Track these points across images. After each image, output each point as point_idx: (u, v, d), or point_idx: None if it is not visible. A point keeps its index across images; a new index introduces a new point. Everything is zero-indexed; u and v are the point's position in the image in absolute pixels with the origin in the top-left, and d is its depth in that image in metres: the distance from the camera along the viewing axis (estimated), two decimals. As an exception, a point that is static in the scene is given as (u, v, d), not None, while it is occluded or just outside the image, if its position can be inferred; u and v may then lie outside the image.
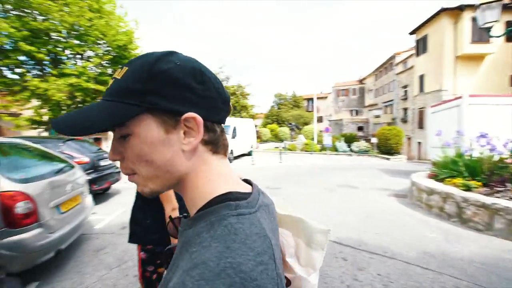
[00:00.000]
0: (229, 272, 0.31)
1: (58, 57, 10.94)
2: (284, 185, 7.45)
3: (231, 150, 12.96)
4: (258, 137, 21.00)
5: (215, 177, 0.44)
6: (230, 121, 14.24)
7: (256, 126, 19.13)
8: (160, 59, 0.41)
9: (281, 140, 23.20)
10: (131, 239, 1.75)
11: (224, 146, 0.48)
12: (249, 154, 14.40)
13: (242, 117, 20.58)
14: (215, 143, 0.45)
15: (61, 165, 3.20)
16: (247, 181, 0.53)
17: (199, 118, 0.41)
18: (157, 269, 1.72)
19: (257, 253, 0.35)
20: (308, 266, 0.62)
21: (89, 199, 3.73)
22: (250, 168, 11.29)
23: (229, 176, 0.47)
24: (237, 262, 0.33)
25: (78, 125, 0.39)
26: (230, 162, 13.07)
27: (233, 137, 13.49)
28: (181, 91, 0.40)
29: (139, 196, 1.76)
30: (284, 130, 26.48)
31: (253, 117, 22.81)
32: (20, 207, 2.32)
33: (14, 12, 9.57)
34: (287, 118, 31.92)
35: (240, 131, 14.26)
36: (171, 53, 0.43)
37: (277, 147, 19.45)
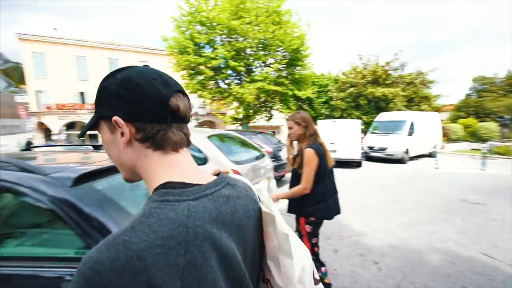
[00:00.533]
0: (118, 248, 0.36)
1: (250, 67, 13.85)
2: (492, 201, 5.39)
3: (406, 149, 11.04)
4: (445, 134, 16.56)
5: (159, 169, 0.49)
6: (406, 116, 12.15)
7: (441, 121, 15.18)
8: (108, 76, 0.51)
9: (483, 140, 17.03)
10: (289, 211, 2.15)
11: (170, 142, 0.49)
12: (432, 155, 11.69)
13: (422, 110, 16.99)
14: (153, 141, 0.48)
15: (258, 153, 4.00)
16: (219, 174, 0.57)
17: (120, 120, 0.47)
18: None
19: (160, 236, 0.38)
20: (285, 275, 0.56)
21: (273, 183, 4.44)
22: (431, 172, 9.13)
23: (177, 168, 0.50)
24: (131, 241, 0.36)
25: (82, 131, 0.58)
26: (404, 163, 11.22)
27: (410, 134, 11.40)
28: (113, 100, 0.48)
29: (294, 176, 2.10)
30: (489, 126, 19.20)
31: (438, 109, 18.25)
32: (235, 182, 3.11)
33: (227, 39, 13.07)
34: (495, 110, 22.95)
35: (419, 127, 11.84)
36: (121, 69, 0.51)
37: (477, 149, 14.51)
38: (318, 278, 0.62)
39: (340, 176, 8.21)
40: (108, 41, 24.95)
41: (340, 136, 9.50)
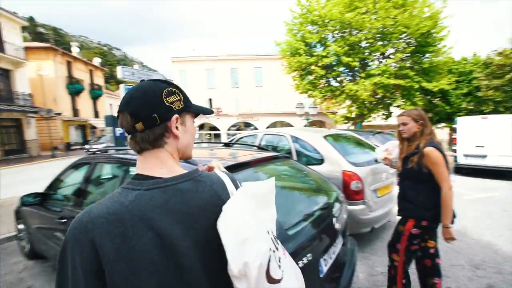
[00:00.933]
0: (85, 214, 0.59)
1: (366, 61, 12.67)
2: None
3: None
4: None
5: (138, 165, 0.69)
6: None
7: None
8: None
9: None
10: (401, 213, 2.01)
11: (136, 149, 0.69)
12: None
13: None
14: (132, 148, 0.70)
15: (378, 155, 3.61)
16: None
17: None
18: (422, 244, 1.91)
19: (107, 212, 0.58)
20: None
21: (396, 189, 3.89)
22: None
23: (144, 165, 0.68)
24: (91, 211, 0.59)
25: None
26: None
27: None
28: None
29: (407, 177, 1.97)
30: None
31: None
32: (353, 185, 2.92)
33: (339, 35, 12.47)
34: None
35: None
36: None
37: None
38: (277, 278, 0.62)
39: (494, 189, 6.24)
40: (230, 53, 28.90)
41: (495, 137, 7.19)
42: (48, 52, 23.26)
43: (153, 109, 0.65)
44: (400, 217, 2.04)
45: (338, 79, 13.55)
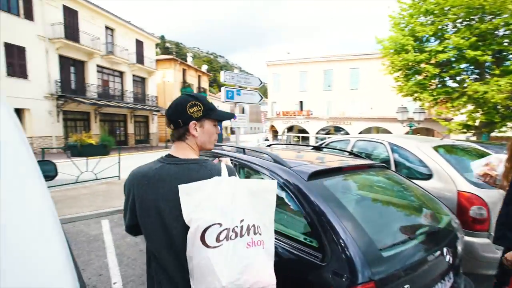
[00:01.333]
0: (133, 170, 1.02)
1: (503, 53, 9.87)
2: None
3: None
4: None
5: (171, 149, 1.04)
6: None
7: None
8: None
9: None
10: (499, 242, 1.74)
11: (171, 140, 1.06)
12: None
13: None
14: (170, 139, 1.08)
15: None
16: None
17: None
18: None
19: (142, 171, 0.98)
20: None
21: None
22: None
23: (175, 150, 1.02)
24: (138, 168, 1.01)
25: None
26: None
27: None
28: None
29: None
30: None
31: None
32: (474, 211, 2.31)
33: (463, 24, 10.17)
34: None
35: None
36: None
37: None
38: (209, 244, 0.80)
39: None
40: (324, 54, 28.08)
41: None
42: (170, 62, 28.63)
43: (178, 116, 0.99)
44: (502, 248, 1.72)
45: (458, 78, 11.08)
